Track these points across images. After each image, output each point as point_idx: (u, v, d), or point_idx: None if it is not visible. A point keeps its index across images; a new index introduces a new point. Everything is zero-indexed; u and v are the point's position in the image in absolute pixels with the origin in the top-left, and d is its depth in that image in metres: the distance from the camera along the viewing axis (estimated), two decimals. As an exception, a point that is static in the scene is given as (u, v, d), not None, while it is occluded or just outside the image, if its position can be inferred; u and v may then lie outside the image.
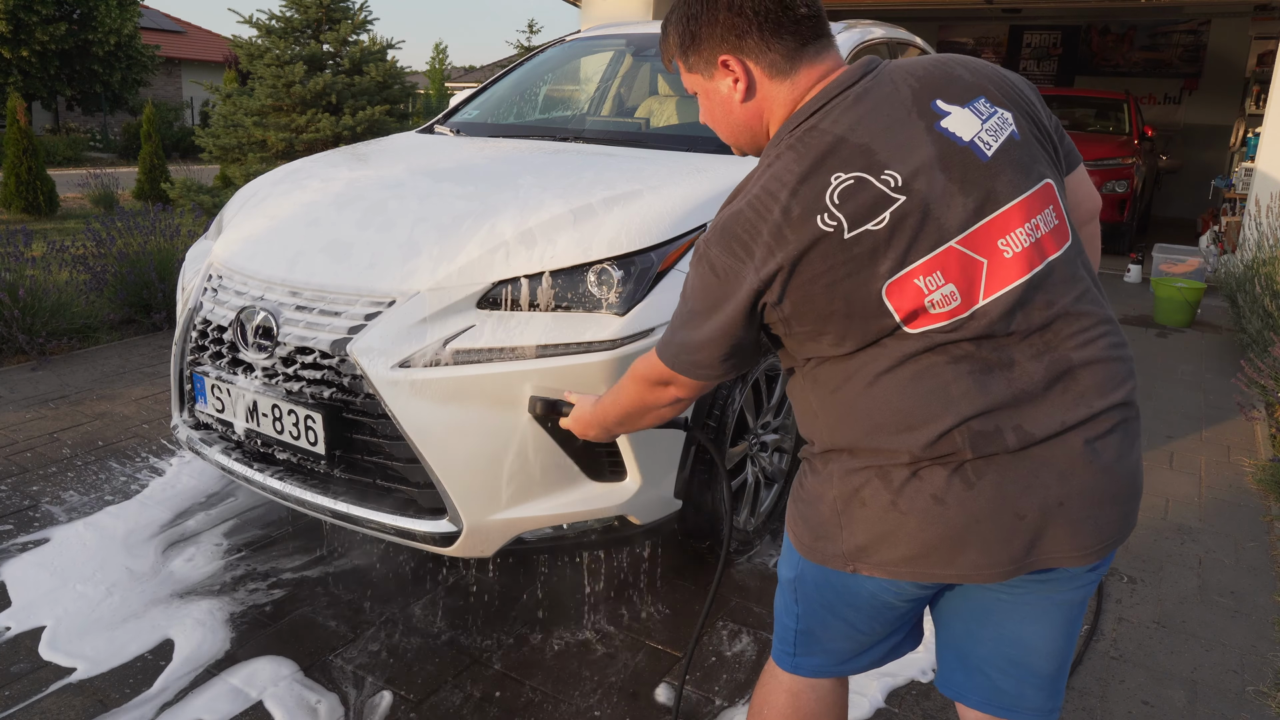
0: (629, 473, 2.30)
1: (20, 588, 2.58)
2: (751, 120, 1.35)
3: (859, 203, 1.18)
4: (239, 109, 8.02)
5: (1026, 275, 1.20)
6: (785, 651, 1.50)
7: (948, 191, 1.19)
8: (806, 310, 1.22)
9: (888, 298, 1.18)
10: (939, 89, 1.25)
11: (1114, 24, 13.29)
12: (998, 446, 1.18)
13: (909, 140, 1.21)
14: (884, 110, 1.23)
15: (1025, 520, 1.20)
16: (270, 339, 2.36)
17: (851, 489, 1.26)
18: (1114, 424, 1.23)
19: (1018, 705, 1.38)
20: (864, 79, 1.27)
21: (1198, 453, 3.88)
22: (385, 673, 2.28)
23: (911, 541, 1.23)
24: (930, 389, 1.19)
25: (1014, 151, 1.23)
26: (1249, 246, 6.61)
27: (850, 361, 1.24)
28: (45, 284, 4.83)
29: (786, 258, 1.19)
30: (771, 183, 1.22)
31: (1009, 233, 1.21)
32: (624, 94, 4.35)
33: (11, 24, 18.69)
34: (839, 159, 1.20)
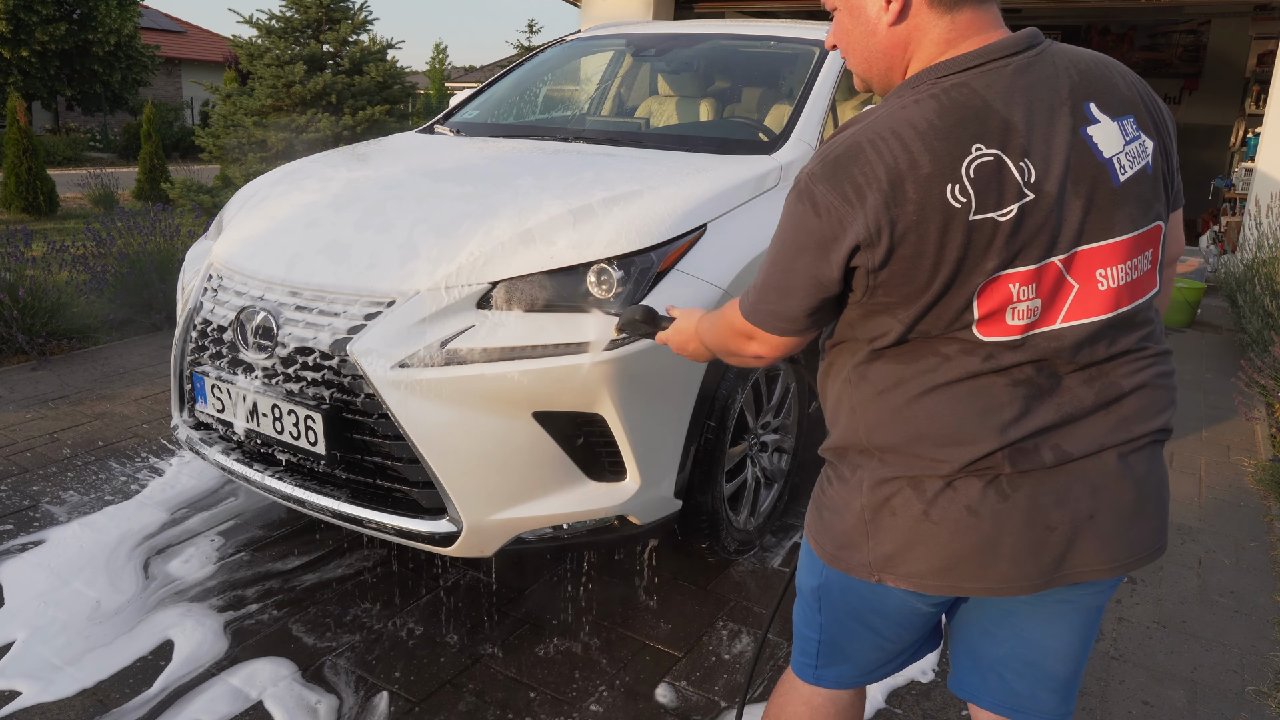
0: (629, 473, 2.30)
1: (18, 588, 2.57)
2: (893, 50, 1.21)
3: (991, 185, 1.09)
4: (239, 109, 8.02)
5: (1110, 314, 1.16)
6: (806, 664, 1.46)
7: (1071, 204, 1.13)
8: (901, 282, 1.13)
9: (977, 293, 1.12)
10: (1097, 92, 1.17)
11: (1114, 24, 13.29)
12: (1035, 463, 1.17)
13: (1053, 135, 1.13)
14: (1040, 93, 1.14)
15: (1055, 533, 1.19)
16: (270, 339, 2.36)
17: (882, 498, 1.23)
18: (1148, 444, 1.22)
19: (1031, 708, 1.37)
20: (1028, 51, 1.16)
21: (1198, 453, 3.88)
22: (385, 673, 2.28)
23: (942, 553, 1.20)
24: (984, 409, 1.16)
25: (1143, 185, 1.18)
26: (1249, 246, 6.62)
27: (908, 367, 1.19)
28: (45, 284, 4.83)
29: (903, 216, 1.09)
30: (904, 127, 1.11)
31: (1110, 266, 1.16)
32: (624, 94, 4.35)
33: (11, 24, 18.69)
34: (983, 128, 1.10)
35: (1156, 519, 1.24)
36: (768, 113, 3.45)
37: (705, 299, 2.38)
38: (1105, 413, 1.19)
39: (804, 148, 2.99)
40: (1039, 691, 1.35)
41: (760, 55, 3.86)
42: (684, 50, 3.99)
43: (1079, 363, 1.18)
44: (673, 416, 2.36)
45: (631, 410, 2.24)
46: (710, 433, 2.48)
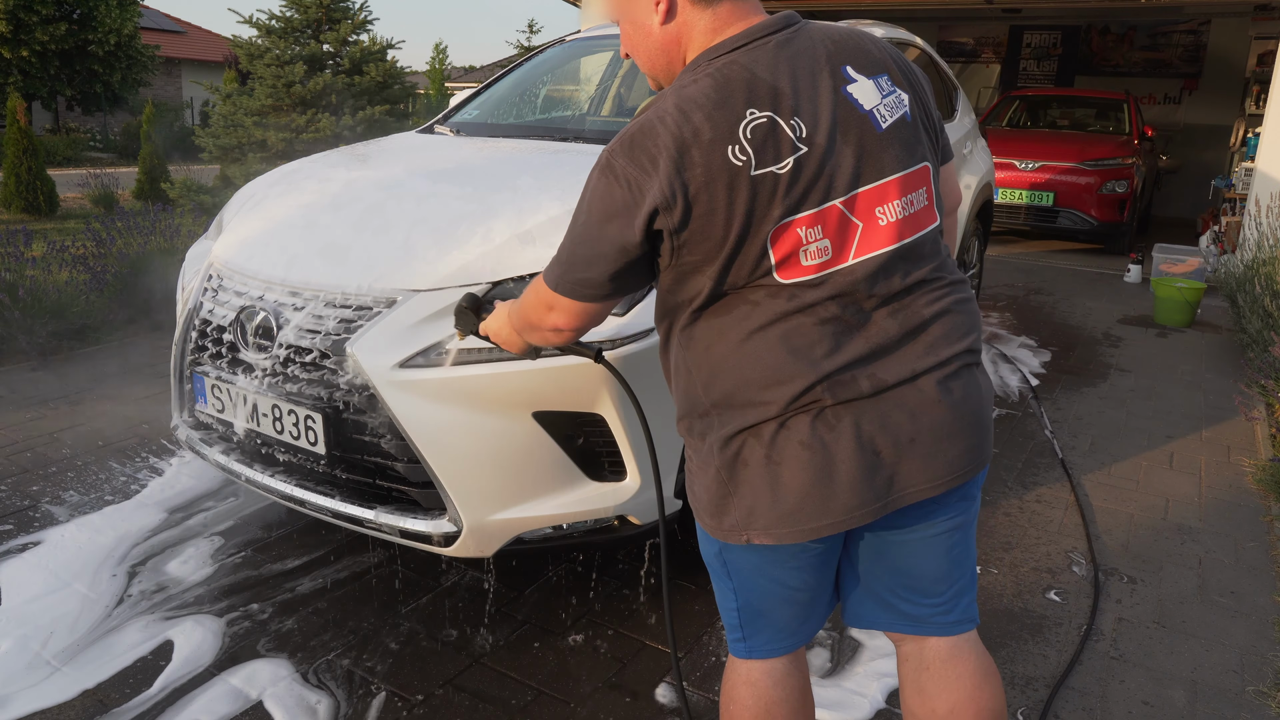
0: (629, 473, 2.30)
1: (18, 588, 2.57)
2: (669, 46, 1.38)
3: (768, 143, 1.23)
4: (239, 109, 8.02)
5: (895, 244, 1.30)
6: (735, 638, 1.54)
7: (842, 152, 1.27)
8: (700, 239, 1.26)
9: (770, 241, 1.25)
10: (851, 57, 1.33)
11: (1114, 24, 13.29)
12: (853, 393, 1.28)
13: (818, 96, 1.28)
14: (801, 62, 1.29)
15: (881, 456, 1.30)
16: (270, 339, 2.36)
17: (732, 454, 1.34)
18: (959, 367, 1.35)
19: (923, 623, 1.50)
20: (785, 30, 1.33)
21: (1198, 453, 3.88)
22: (385, 673, 2.28)
23: (788, 494, 1.31)
24: (797, 346, 1.28)
25: (904, 130, 1.33)
26: (1249, 246, 6.62)
27: (724, 319, 1.31)
28: (45, 284, 4.83)
29: (693, 179, 1.23)
30: (685, 103, 1.25)
31: (887, 203, 1.30)
32: (624, 94, 4.35)
33: (11, 24, 18.68)
34: (754, 95, 1.25)
35: (975, 436, 1.36)
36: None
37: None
38: (913, 341, 1.32)
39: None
40: (924, 609, 1.49)
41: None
42: (684, 50, 3.99)
43: (879, 295, 1.30)
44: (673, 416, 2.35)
45: (631, 410, 2.24)
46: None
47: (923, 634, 1.51)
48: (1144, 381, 4.89)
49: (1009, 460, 3.72)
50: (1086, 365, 5.17)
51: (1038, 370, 5.03)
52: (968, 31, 14.20)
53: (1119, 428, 4.15)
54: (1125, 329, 6.07)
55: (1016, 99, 10.61)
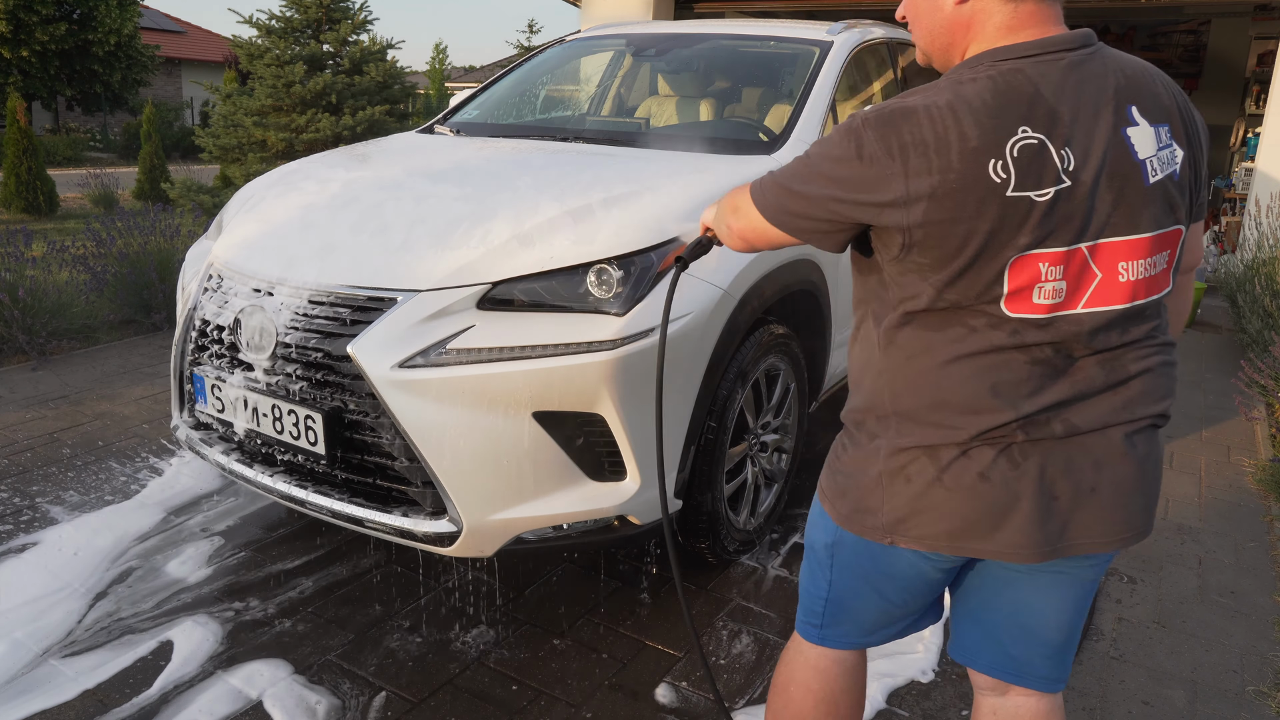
0: (629, 472, 2.30)
1: (18, 588, 2.57)
2: (955, 28, 1.29)
3: (1033, 166, 1.16)
4: (239, 109, 8.02)
5: (1126, 304, 1.24)
6: (812, 624, 1.53)
7: (1103, 196, 1.20)
8: (935, 244, 1.19)
9: (1008, 268, 1.19)
10: (1139, 97, 1.25)
11: (1114, 24, 13.29)
12: (1045, 434, 1.25)
13: (1095, 130, 1.20)
14: (1088, 90, 1.21)
15: (1060, 502, 1.26)
16: (270, 339, 2.36)
17: (898, 465, 1.30)
18: (1147, 426, 1.30)
19: (1026, 672, 1.44)
20: (1080, 50, 1.24)
21: (1198, 453, 3.88)
22: (385, 673, 2.28)
23: (953, 516, 1.28)
24: (1004, 381, 1.23)
25: (1170, 189, 1.25)
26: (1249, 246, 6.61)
27: (936, 335, 1.26)
28: (45, 284, 4.83)
29: (943, 184, 1.16)
30: (958, 102, 1.19)
31: (1131, 260, 1.23)
32: (624, 94, 4.35)
33: (11, 24, 18.68)
34: (1032, 113, 1.18)
35: (1150, 497, 1.32)
36: (768, 113, 3.45)
37: (705, 299, 2.38)
38: (1113, 393, 1.27)
39: (804, 147, 2.99)
40: (1033, 656, 1.43)
41: (760, 55, 3.86)
42: (684, 50, 3.99)
43: (1094, 348, 1.25)
44: (673, 416, 2.36)
45: (632, 410, 2.24)
46: (710, 433, 2.48)
47: (1019, 684, 1.46)
48: (1144, 381, 4.89)
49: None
50: (1086, 365, 5.16)
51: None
52: (968, 31, 14.17)
53: (1119, 428, 4.15)
54: (1125, 329, 6.06)
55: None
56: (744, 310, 2.51)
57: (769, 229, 1.37)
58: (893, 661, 2.34)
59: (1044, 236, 1.18)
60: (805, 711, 1.55)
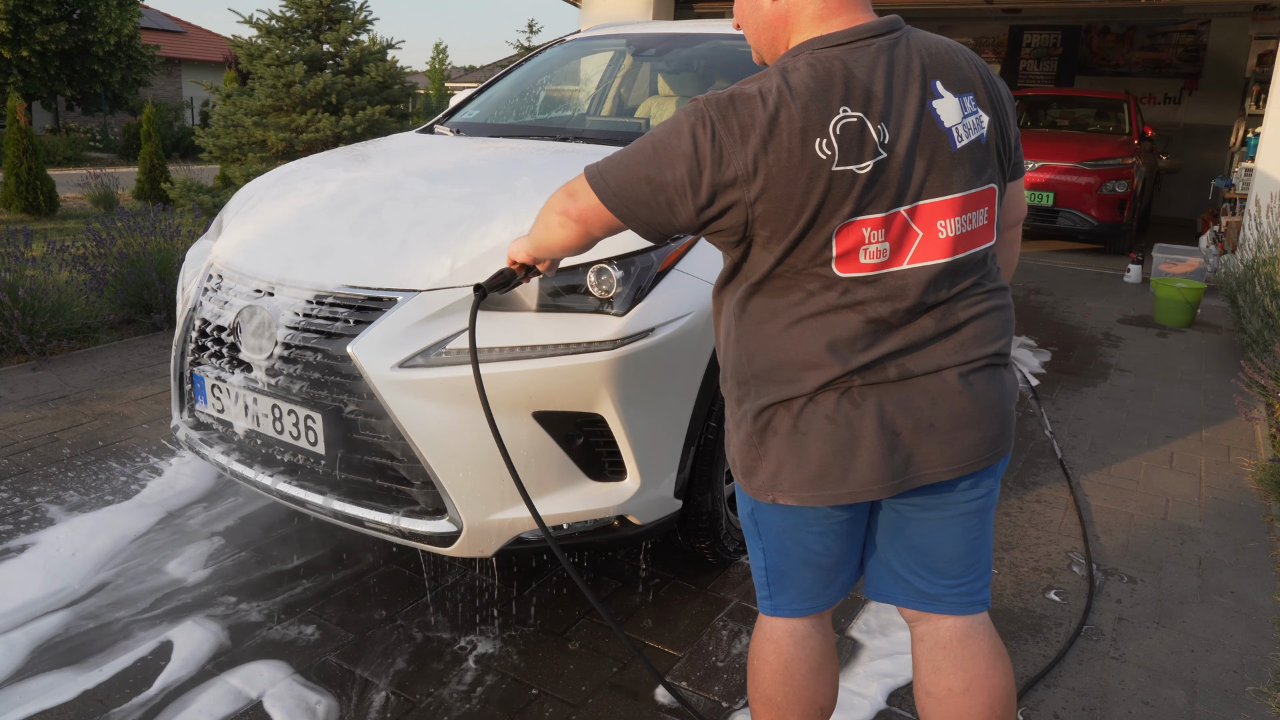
0: (629, 473, 2.30)
1: (17, 589, 2.57)
2: (775, 23, 1.43)
3: (853, 143, 1.29)
4: (239, 109, 8.02)
5: (948, 258, 1.38)
6: (763, 596, 1.63)
7: (916, 164, 1.33)
8: (772, 217, 1.32)
9: (835, 235, 1.32)
10: (943, 72, 1.38)
11: (1114, 24, 13.28)
12: (881, 378, 1.38)
13: (905, 105, 1.33)
14: (897, 70, 1.34)
15: (900, 437, 1.39)
16: (270, 339, 2.36)
17: (764, 423, 1.44)
18: (984, 365, 1.42)
19: (937, 600, 1.57)
20: (889, 34, 1.37)
21: (1198, 453, 3.88)
22: (385, 673, 2.28)
23: (811, 461, 1.40)
24: (838, 339, 1.37)
25: (977, 152, 1.39)
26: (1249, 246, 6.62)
27: (779, 300, 1.39)
28: (45, 284, 4.83)
29: (776, 161, 1.28)
30: (785, 86, 1.31)
31: (948, 218, 1.37)
32: (624, 94, 4.35)
33: (11, 24, 18.67)
34: (850, 94, 1.30)
35: (994, 428, 1.44)
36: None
37: (705, 299, 2.38)
38: (945, 340, 1.40)
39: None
40: (938, 589, 1.57)
41: (760, 55, 3.85)
42: (684, 50, 3.99)
43: (926, 302, 1.38)
44: (673, 417, 2.36)
45: (632, 410, 2.24)
46: (710, 433, 2.48)
47: (937, 612, 1.58)
48: (1144, 381, 4.89)
49: (1009, 460, 3.71)
50: (1086, 365, 5.17)
51: (1038, 370, 5.03)
52: (968, 31, 14.20)
53: (1119, 428, 4.15)
54: (1125, 329, 6.07)
55: (1016, 99, 10.61)
56: (744, 310, 2.51)
57: (604, 213, 1.43)
58: (893, 661, 2.34)
59: (865, 205, 1.31)
60: (764, 682, 1.62)
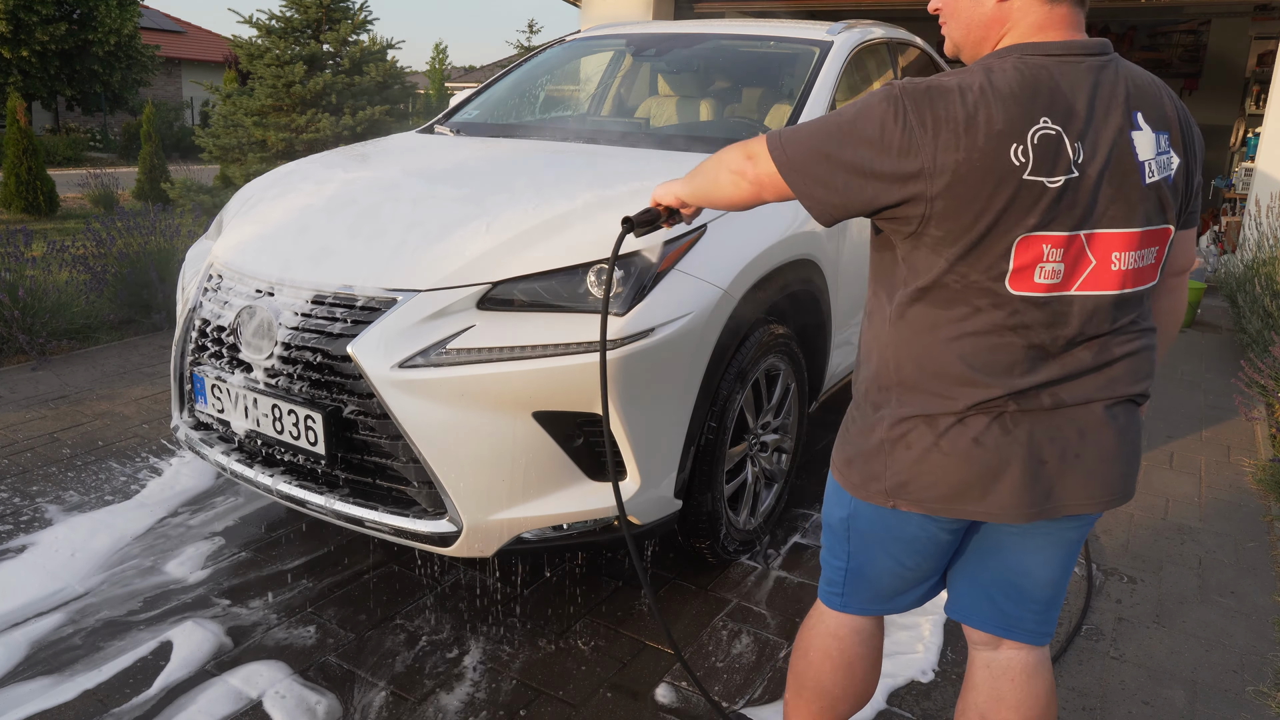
0: (629, 473, 2.30)
1: (17, 589, 2.57)
2: (993, 24, 1.39)
3: (1048, 155, 1.27)
4: (239, 109, 8.02)
5: (1116, 290, 1.36)
6: (834, 592, 1.65)
7: (1105, 191, 1.31)
8: (952, 217, 1.29)
9: (1015, 247, 1.29)
10: (1145, 105, 1.36)
11: (1114, 24, 13.28)
12: (1034, 405, 1.36)
13: (1104, 130, 1.31)
14: (1102, 93, 1.33)
15: (1046, 466, 1.37)
16: (270, 339, 2.36)
17: (899, 434, 1.41)
18: (1127, 402, 1.42)
19: (1016, 626, 1.57)
20: (1100, 56, 1.36)
21: (1198, 453, 3.88)
22: (385, 673, 2.28)
23: (949, 479, 1.39)
24: (999, 362, 1.35)
25: (1163, 190, 1.37)
26: (1249, 246, 6.61)
27: (944, 313, 1.36)
28: (45, 284, 4.83)
29: (968, 161, 1.26)
30: (989, 87, 1.29)
31: (1123, 251, 1.35)
32: (624, 94, 4.35)
33: (11, 24, 18.67)
34: (1053, 107, 1.28)
35: (1130, 465, 1.44)
36: (768, 113, 3.45)
37: (705, 298, 2.37)
38: (1098, 373, 1.39)
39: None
40: (1023, 612, 1.56)
41: (760, 55, 3.86)
42: (684, 50, 3.99)
43: (1085, 334, 1.36)
44: (673, 416, 2.36)
45: (632, 410, 2.24)
46: (710, 433, 2.48)
47: (1012, 638, 1.58)
48: (1144, 381, 4.89)
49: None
50: (1086, 365, 5.17)
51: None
52: (968, 31, 14.17)
53: (1119, 428, 4.15)
54: (1125, 329, 6.06)
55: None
56: (744, 310, 2.51)
57: (780, 182, 1.41)
58: (893, 662, 2.34)
59: (1050, 220, 1.28)
60: (823, 675, 1.66)
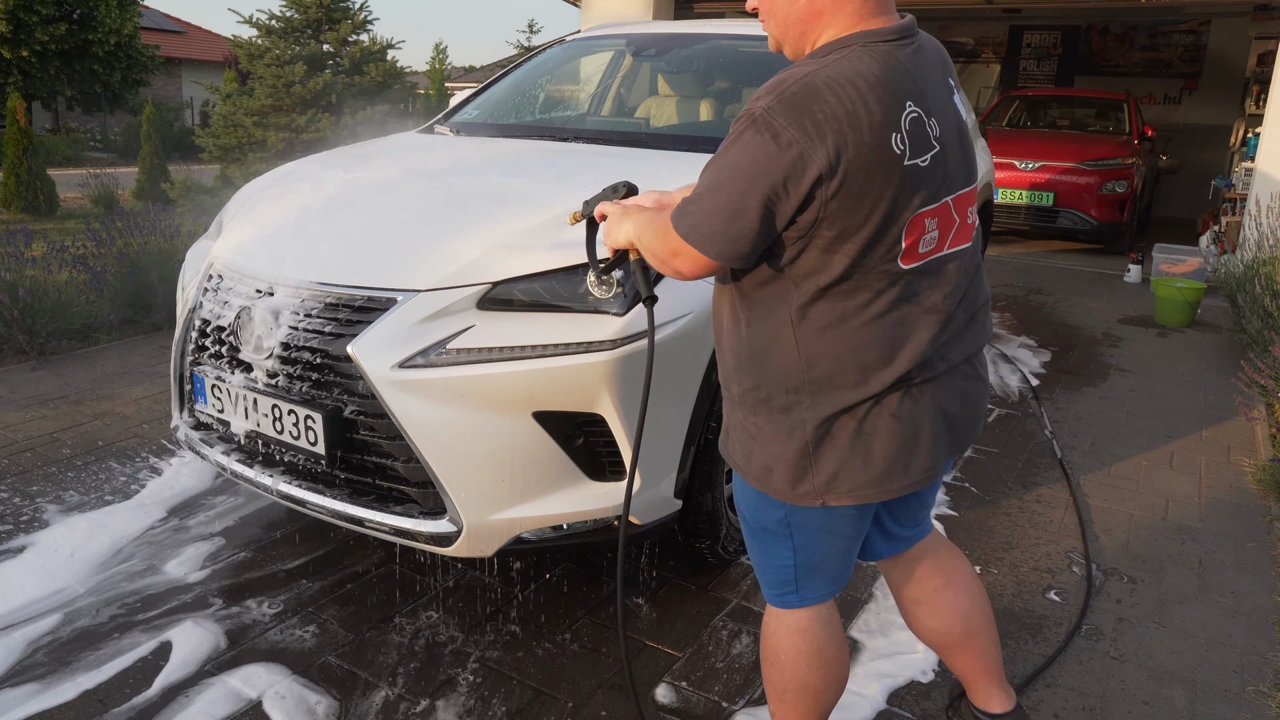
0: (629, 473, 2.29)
1: (17, 589, 2.57)
2: (810, 18, 1.39)
3: (918, 137, 1.32)
4: (239, 109, 8.02)
5: (968, 244, 1.48)
6: (787, 591, 1.65)
7: (954, 155, 1.39)
8: (844, 215, 1.29)
9: (905, 228, 1.34)
10: (949, 70, 1.46)
11: (1114, 24, 13.28)
12: (933, 371, 1.45)
13: (941, 101, 1.38)
14: (933, 68, 1.40)
15: (947, 423, 1.49)
16: (270, 339, 2.36)
17: (824, 432, 1.44)
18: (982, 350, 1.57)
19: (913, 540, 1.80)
20: (918, 35, 1.42)
21: (1198, 453, 3.88)
22: (384, 673, 2.28)
23: (876, 463, 1.44)
24: (904, 335, 1.40)
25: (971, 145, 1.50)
26: (1249, 246, 6.62)
27: (847, 303, 1.38)
28: (45, 284, 4.83)
29: (857, 157, 1.26)
30: (856, 76, 1.27)
31: (969, 206, 1.45)
32: (624, 94, 4.35)
33: (11, 24, 18.67)
34: (910, 91, 1.32)
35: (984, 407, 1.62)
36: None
37: (705, 299, 2.37)
38: (968, 328, 1.51)
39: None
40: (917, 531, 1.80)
41: (760, 55, 3.86)
42: (684, 50, 3.99)
43: (960, 287, 1.46)
44: (673, 417, 2.36)
45: (632, 410, 2.24)
46: (710, 433, 2.48)
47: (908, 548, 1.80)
48: (1144, 381, 4.89)
49: (1009, 460, 3.71)
50: (1086, 365, 5.17)
51: (1037, 370, 5.03)
52: (968, 31, 14.20)
53: (1119, 428, 4.15)
54: (1125, 329, 6.07)
55: (1016, 99, 10.61)
56: (744, 310, 2.51)
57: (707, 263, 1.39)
58: (893, 661, 2.34)
59: (929, 196, 1.35)
60: (800, 673, 1.66)
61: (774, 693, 1.71)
